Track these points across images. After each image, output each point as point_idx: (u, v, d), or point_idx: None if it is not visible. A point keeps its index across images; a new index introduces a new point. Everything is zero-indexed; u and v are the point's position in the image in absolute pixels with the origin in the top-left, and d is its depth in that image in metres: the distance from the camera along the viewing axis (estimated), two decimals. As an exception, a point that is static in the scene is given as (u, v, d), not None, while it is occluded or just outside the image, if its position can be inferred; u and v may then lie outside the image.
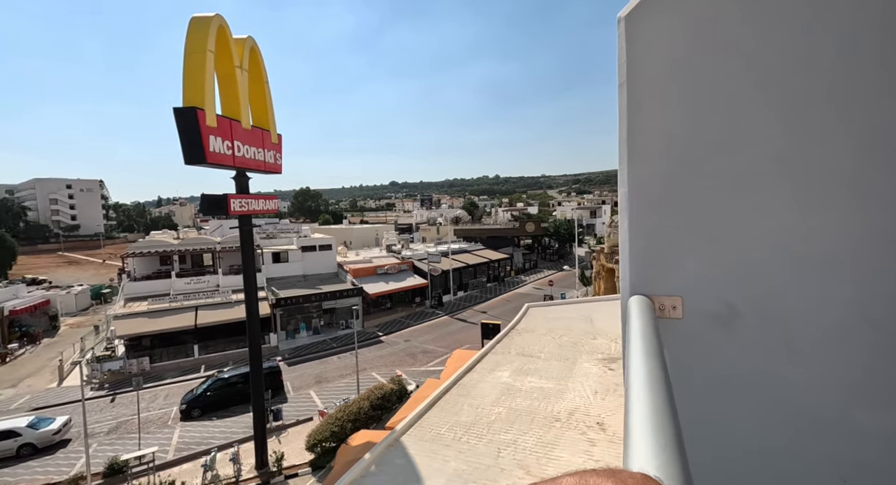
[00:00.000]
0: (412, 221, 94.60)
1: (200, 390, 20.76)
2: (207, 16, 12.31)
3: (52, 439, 17.83)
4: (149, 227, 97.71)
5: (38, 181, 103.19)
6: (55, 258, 76.30)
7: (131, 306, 28.12)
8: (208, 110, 12.32)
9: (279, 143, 16.84)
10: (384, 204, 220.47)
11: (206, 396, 20.35)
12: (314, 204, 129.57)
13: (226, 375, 21.40)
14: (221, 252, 35.30)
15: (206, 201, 14.66)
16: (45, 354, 30.03)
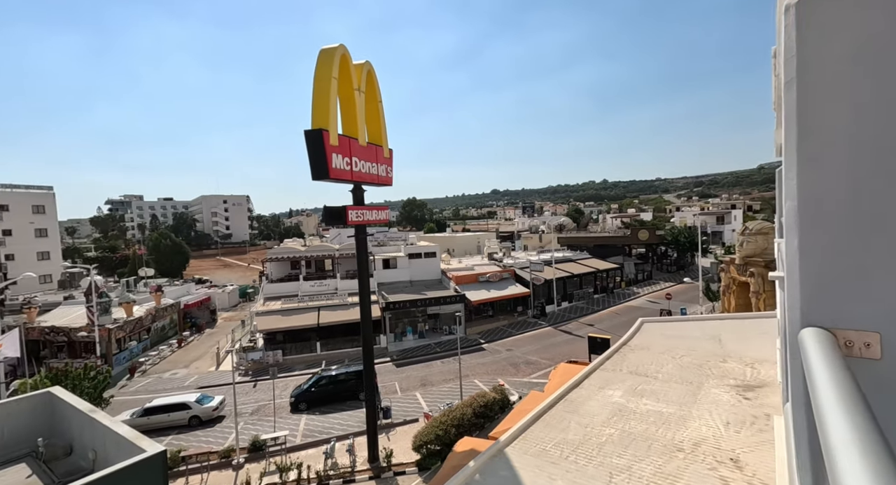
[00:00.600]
0: (513, 228, 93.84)
1: (306, 385, 22.88)
2: (333, 47, 13.82)
3: (211, 414, 21.32)
4: (282, 235, 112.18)
5: (204, 198, 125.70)
6: (214, 262, 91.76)
7: (269, 305, 32.51)
8: (332, 131, 13.76)
9: (390, 157, 18.08)
10: (485, 212, 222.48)
11: (311, 391, 22.39)
12: (420, 213, 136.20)
13: (332, 372, 23.39)
14: (339, 258, 39.02)
15: (327, 213, 16.34)
16: (207, 342, 36.15)
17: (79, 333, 29.54)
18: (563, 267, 42.67)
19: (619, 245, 57.32)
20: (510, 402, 18.72)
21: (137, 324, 33.16)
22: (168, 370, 29.77)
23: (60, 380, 16.95)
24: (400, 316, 33.02)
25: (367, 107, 16.45)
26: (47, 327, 30.47)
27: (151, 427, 19.64)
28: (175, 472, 15.97)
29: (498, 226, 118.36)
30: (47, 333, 30.30)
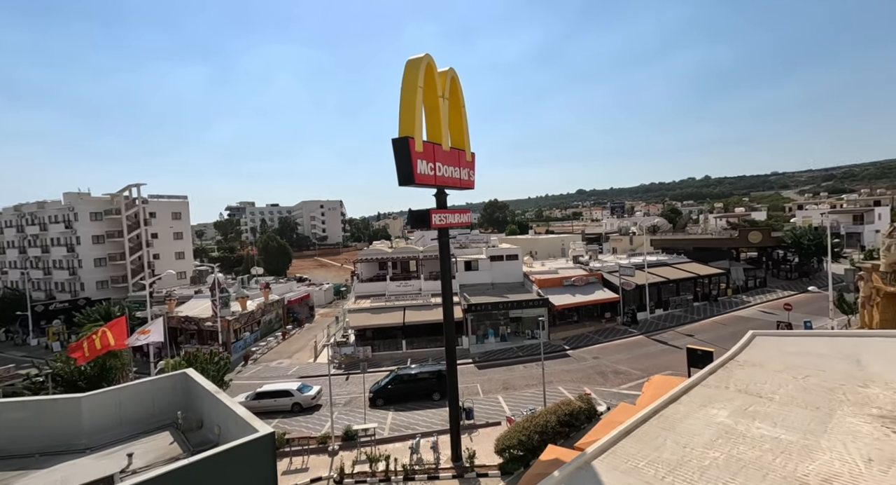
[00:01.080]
0: (601, 230, 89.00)
1: (384, 382, 23.81)
2: (419, 57, 14.37)
3: (311, 403, 23.32)
4: (371, 237, 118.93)
5: (304, 203, 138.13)
6: (312, 262, 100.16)
7: (359, 303, 34.67)
8: (417, 138, 14.30)
9: (472, 161, 18.28)
10: (570, 213, 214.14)
11: (388, 388, 23.25)
12: (501, 215, 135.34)
13: (409, 371, 24.10)
14: (423, 260, 40.30)
15: (412, 216, 16.98)
16: (306, 336, 39.62)
17: (205, 323, 34.20)
18: (657, 271, 39.47)
19: (725, 248, 51.47)
20: (597, 412, 17.79)
21: (250, 317, 37.46)
22: (274, 360, 33.16)
23: (192, 363, 19.75)
24: (482, 318, 33.12)
25: (450, 113, 16.82)
26: (182, 317, 35.74)
27: (260, 410, 22.01)
28: (280, 452, 17.72)
29: (584, 227, 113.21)
30: (182, 321, 35.54)
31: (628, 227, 71.80)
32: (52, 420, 9.60)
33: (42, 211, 54.19)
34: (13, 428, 9.45)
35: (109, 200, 53.15)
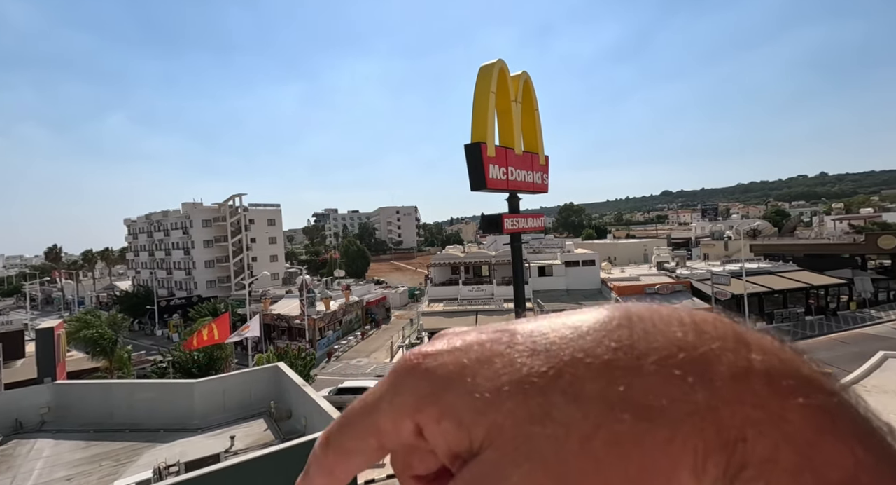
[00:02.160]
0: (690, 234, 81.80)
1: None
2: (491, 63, 14.45)
3: (385, 400, 24.25)
4: (444, 242, 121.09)
5: (382, 209, 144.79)
6: (388, 265, 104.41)
7: (432, 306, 35.44)
8: (489, 143, 14.35)
9: (546, 164, 17.88)
10: (654, 216, 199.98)
11: None
12: (577, 219, 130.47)
13: None
14: (495, 265, 40.13)
15: (485, 221, 16.99)
16: (383, 336, 41.35)
17: (295, 321, 37.18)
18: (759, 280, 35.30)
19: (847, 255, 44.55)
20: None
21: (333, 316, 40.01)
22: (353, 358, 35.03)
23: (282, 357, 21.59)
24: (556, 325, 32.07)
25: (523, 116, 16.65)
26: (275, 315, 39.23)
27: (341, 405, 23.36)
28: (359, 446, 18.64)
29: (669, 232, 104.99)
30: (275, 319, 39.00)
31: (723, 231, 65.15)
32: (172, 401, 11.07)
33: (166, 219, 62.87)
34: (144, 406, 11.05)
35: (217, 209, 60.20)
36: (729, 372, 0.23)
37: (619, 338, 0.24)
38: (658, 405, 0.22)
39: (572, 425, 0.22)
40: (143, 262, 67.87)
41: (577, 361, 0.24)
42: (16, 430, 10.85)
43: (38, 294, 72.55)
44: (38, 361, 16.02)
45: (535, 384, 0.24)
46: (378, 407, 0.28)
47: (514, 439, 0.23)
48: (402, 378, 0.28)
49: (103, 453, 9.67)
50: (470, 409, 0.25)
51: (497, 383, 0.24)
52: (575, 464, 0.22)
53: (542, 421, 0.23)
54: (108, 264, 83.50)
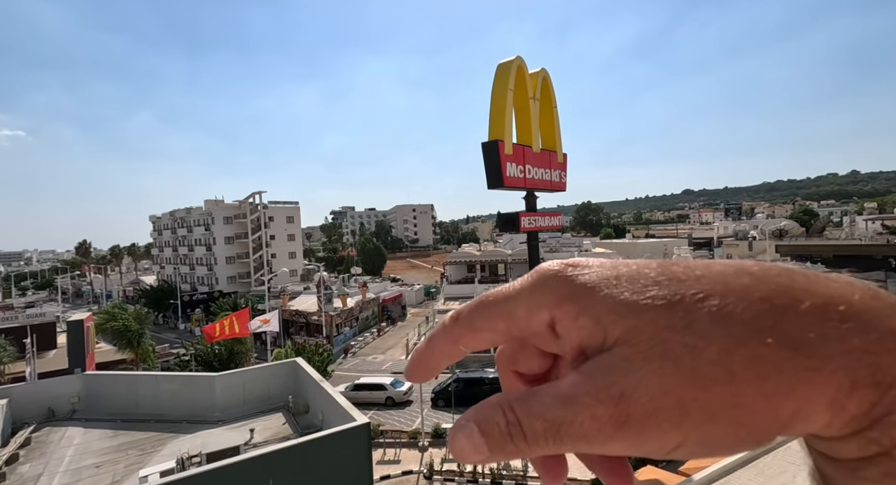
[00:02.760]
0: (712, 234, 79.79)
1: (445, 384, 23.81)
2: (509, 60, 14.34)
3: (402, 398, 24.42)
4: (460, 240, 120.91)
5: (398, 207, 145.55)
6: (404, 263, 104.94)
7: (448, 304, 35.50)
8: (506, 141, 14.26)
9: (564, 162, 17.67)
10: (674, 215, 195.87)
11: (448, 390, 23.16)
12: (595, 218, 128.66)
13: (473, 375, 24.00)
14: (511, 263, 39.94)
15: (501, 219, 16.91)
16: (398, 333, 41.60)
17: (312, 317, 37.72)
18: (785, 282, 34.20)
19: (879, 256, 42.80)
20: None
21: (350, 313, 40.44)
22: (370, 354, 35.36)
23: (300, 353, 21.92)
24: (573, 325, 31.77)
25: (541, 114, 16.49)
26: (293, 310, 39.86)
27: (357, 401, 23.60)
28: (374, 443, 18.82)
29: (691, 231, 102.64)
30: (293, 314, 39.64)
31: (747, 230, 63.42)
32: (194, 393, 11.36)
33: (189, 216, 64.46)
34: (168, 397, 11.37)
35: (238, 206, 61.42)
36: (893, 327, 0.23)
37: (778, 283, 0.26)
38: (807, 338, 0.23)
39: (713, 339, 0.24)
40: (168, 257, 69.79)
41: (730, 292, 0.25)
42: (49, 417, 11.31)
43: (69, 288, 75.41)
44: (69, 352, 16.66)
45: (681, 302, 0.26)
46: (517, 298, 0.31)
47: (650, 340, 0.25)
48: (545, 279, 0.31)
49: (129, 442, 10.00)
50: (610, 311, 0.27)
51: (641, 295, 0.27)
52: (707, 370, 0.24)
53: (682, 331, 0.25)
54: (135, 259, 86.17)
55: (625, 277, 0.29)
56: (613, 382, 0.26)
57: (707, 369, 0.24)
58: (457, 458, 0.29)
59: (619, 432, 0.25)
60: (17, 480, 8.68)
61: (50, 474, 8.82)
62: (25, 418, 11.01)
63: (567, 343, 0.30)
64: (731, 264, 0.28)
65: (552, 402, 0.27)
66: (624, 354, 0.26)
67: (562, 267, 0.31)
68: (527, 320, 0.31)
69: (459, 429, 0.29)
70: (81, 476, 8.70)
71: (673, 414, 0.24)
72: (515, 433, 0.27)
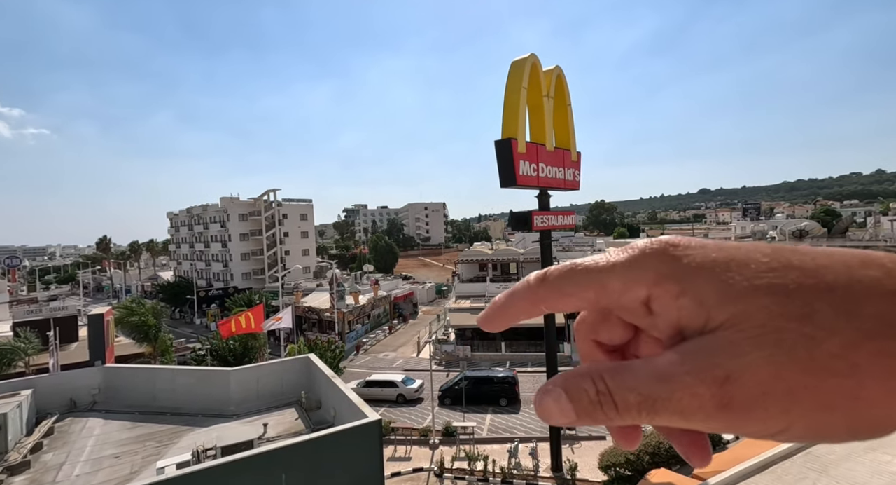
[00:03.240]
0: (729, 234, 78.36)
1: (453, 382, 23.83)
2: (523, 58, 14.24)
3: (413, 395, 24.51)
4: (472, 239, 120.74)
5: (410, 205, 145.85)
6: (416, 261, 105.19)
7: (460, 303, 35.46)
8: (520, 139, 14.16)
9: (578, 160, 17.50)
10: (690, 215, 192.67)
11: (455, 389, 23.12)
12: (609, 217, 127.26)
13: (475, 374, 24.00)
14: (524, 262, 39.71)
15: (513, 218, 16.83)
16: (410, 331, 41.76)
17: (325, 314, 38.07)
18: (805, 283, 33.40)
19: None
20: (723, 440, 15.69)
21: (362, 310, 40.71)
22: (381, 352, 35.56)
23: (313, 349, 22.16)
24: (586, 325, 31.45)
25: (555, 112, 16.34)
26: (306, 307, 40.27)
27: (369, 397, 23.75)
28: (386, 440, 18.94)
29: (707, 231, 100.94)
30: (306, 311, 40.04)
31: (765, 231, 62.07)
32: (210, 387, 11.56)
33: (205, 212, 65.55)
34: (185, 391, 11.59)
35: (252, 203, 62.26)
36: None
37: None
38: None
39: (838, 331, 0.24)
40: (184, 253, 71.12)
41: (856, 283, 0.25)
42: (71, 408, 11.63)
43: (90, 282, 77.38)
44: (90, 345, 17.07)
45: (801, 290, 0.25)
46: (612, 270, 0.31)
47: (763, 327, 0.25)
48: (645, 256, 0.31)
49: (147, 434, 10.22)
50: (718, 293, 0.27)
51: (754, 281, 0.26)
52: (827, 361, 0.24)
53: (801, 320, 0.24)
54: (153, 255, 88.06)
55: (735, 261, 0.28)
56: (718, 363, 0.26)
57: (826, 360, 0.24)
58: (543, 418, 0.30)
59: (720, 413, 0.26)
60: (41, 468, 8.95)
61: (72, 463, 9.07)
62: (49, 409, 11.33)
63: (663, 321, 0.30)
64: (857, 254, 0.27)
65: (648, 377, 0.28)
66: (731, 337, 0.26)
67: (663, 246, 0.31)
68: (620, 293, 0.31)
69: (547, 393, 0.30)
70: (102, 466, 8.93)
71: (782, 400, 0.25)
72: (606, 402, 0.28)
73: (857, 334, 0.24)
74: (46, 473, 8.75)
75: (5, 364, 20.64)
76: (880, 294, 0.24)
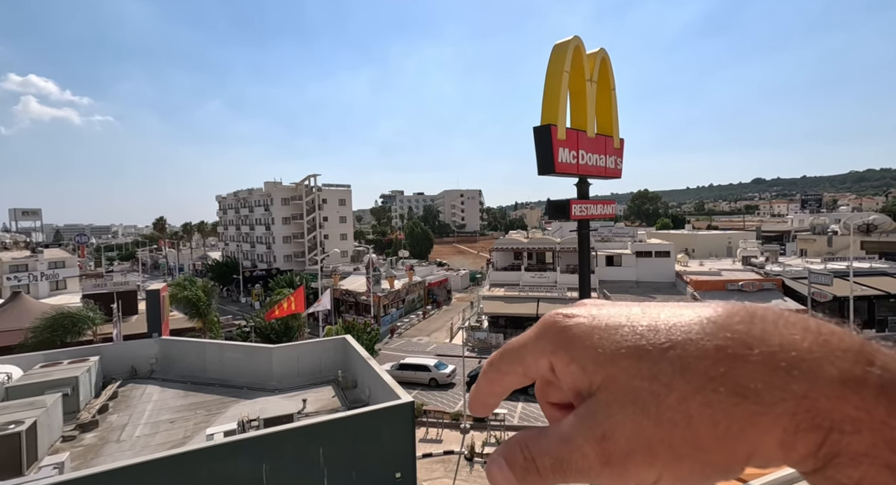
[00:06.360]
0: (786, 227, 73.41)
1: (479, 369, 23.74)
2: (566, 41, 13.72)
3: (445, 380, 24.92)
4: (507, 227, 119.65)
5: (446, 192, 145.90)
6: (451, 248, 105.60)
7: (493, 291, 35.42)
8: (560, 125, 13.76)
9: (621, 148, 16.82)
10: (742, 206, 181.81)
11: None
12: (652, 207, 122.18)
13: None
14: (560, 252, 38.98)
15: (551, 206, 16.46)
16: (443, 317, 42.26)
17: (361, 297, 39.13)
18: (869, 282, 30.95)
19: None
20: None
21: (396, 295, 41.51)
22: (415, 336, 36.24)
23: (349, 330, 22.89)
24: (623, 318, 30.69)
25: (598, 97, 15.70)
26: (343, 290, 41.53)
27: (402, 380, 24.36)
28: (418, 421, 19.42)
29: (759, 223, 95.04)
30: (343, 294, 41.31)
31: (826, 224, 57.61)
32: (254, 363, 12.24)
33: (251, 196, 68.39)
34: (231, 365, 12.33)
35: (294, 188, 64.29)
36: (839, 376, 0.26)
37: (736, 331, 0.29)
38: (753, 387, 0.27)
39: (674, 386, 0.28)
40: (231, 235, 74.75)
41: (691, 342, 0.29)
42: (132, 375, 12.68)
43: (147, 260, 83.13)
44: (148, 318, 18.43)
45: (650, 352, 0.30)
46: (525, 346, 0.37)
47: (624, 388, 0.30)
48: (545, 329, 0.36)
49: (198, 403, 11.00)
50: (593, 360, 0.32)
51: (618, 346, 0.31)
52: (669, 414, 0.28)
53: (650, 379, 0.29)
54: (203, 236, 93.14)
55: (607, 328, 0.32)
56: (598, 423, 0.30)
57: (669, 414, 0.28)
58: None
59: (604, 468, 0.29)
60: (107, 427, 9.86)
61: (133, 424, 9.93)
62: (113, 374, 12.41)
63: (565, 386, 0.35)
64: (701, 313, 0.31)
65: (555, 441, 0.32)
66: (605, 399, 0.30)
67: (558, 318, 0.36)
68: (534, 366, 0.36)
69: (493, 462, 0.34)
70: (159, 429, 9.72)
71: (646, 454, 0.28)
72: (530, 468, 0.32)
73: (689, 388, 0.28)
74: (112, 432, 9.64)
75: (76, 332, 22.65)
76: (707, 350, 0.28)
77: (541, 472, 0.32)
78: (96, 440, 9.29)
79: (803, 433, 0.26)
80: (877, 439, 0.25)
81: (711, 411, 0.27)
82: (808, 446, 0.26)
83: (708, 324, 0.30)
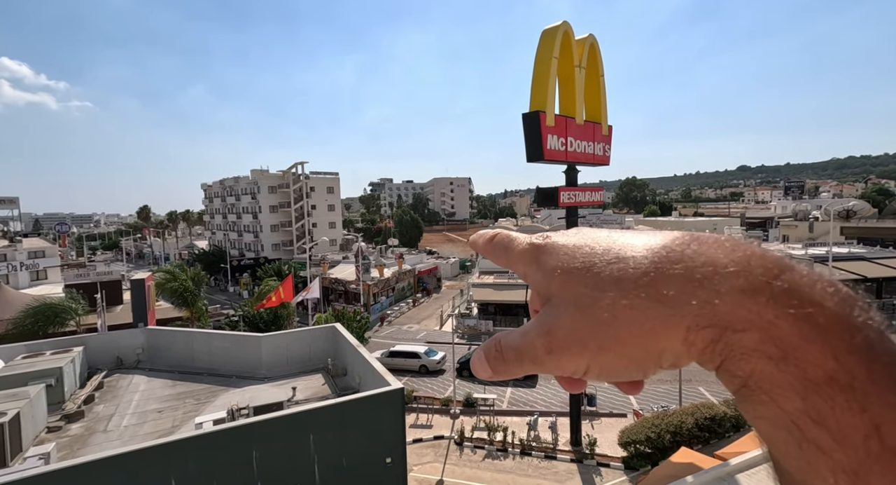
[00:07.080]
0: (769, 214, 74.75)
1: (469, 355, 24.03)
2: (555, 26, 13.58)
3: (435, 367, 25.12)
4: (497, 215, 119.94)
5: (436, 180, 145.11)
6: (441, 236, 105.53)
7: (483, 278, 35.58)
8: (549, 112, 13.70)
9: (609, 134, 16.85)
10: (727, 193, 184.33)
11: None
12: (640, 194, 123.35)
13: None
14: (550, 239, 39.22)
15: (540, 194, 16.51)
16: (433, 305, 42.42)
17: (350, 286, 39.02)
18: (848, 266, 31.75)
19: (963, 242, 38.66)
20: (746, 424, 15.49)
21: (386, 283, 41.48)
22: (405, 324, 36.36)
23: (339, 319, 22.87)
24: (610, 304, 31.14)
25: (586, 83, 15.64)
26: (333, 278, 41.35)
27: (392, 367, 24.49)
28: (408, 407, 19.60)
29: (744, 210, 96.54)
30: (332, 282, 41.14)
31: (808, 210, 58.77)
32: (243, 351, 12.17)
33: (237, 184, 67.21)
34: (220, 354, 12.24)
35: (281, 176, 63.32)
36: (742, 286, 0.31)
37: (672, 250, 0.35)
38: (668, 293, 0.33)
39: (608, 292, 0.35)
40: (218, 224, 73.61)
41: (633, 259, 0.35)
42: (118, 365, 12.52)
43: (132, 249, 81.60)
44: (133, 307, 18.15)
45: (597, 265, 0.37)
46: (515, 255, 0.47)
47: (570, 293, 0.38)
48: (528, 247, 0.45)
49: (186, 392, 10.93)
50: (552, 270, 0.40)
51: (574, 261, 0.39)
52: (599, 314, 0.35)
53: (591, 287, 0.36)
54: (189, 225, 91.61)
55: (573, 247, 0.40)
56: (546, 321, 0.39)
57: (599, 313, 0.35)
58: (474, 373, 0.45)
59: (548, 357, 0.38)
60: (93, 417, 9.76)
61: (120, 415, 9.84)
62: (98, 365, 12.24)
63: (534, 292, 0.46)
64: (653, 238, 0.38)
65: (518, 336, 0.41)
66: (555, 302, 0.39)
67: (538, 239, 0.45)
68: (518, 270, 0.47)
69: (476, 354, 0.45)
70: (146, 419, 9.65)
71: (578, 346, 0.36)
72: (499, 358, 0.42)
73: (619, 294, 0.34)
74: (99, 422, 9.54)
75: (59, 323, 22.25)
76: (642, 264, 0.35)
77: (506, 361, 0.41)
78: (83, 431, 9.19)
79: (702, 331, 0.31)
80: (764, 336, 0.29)
81: (633, 312, 0.33)
82: (705, 341, 0.31)
83: (654, 245, 0.36)
